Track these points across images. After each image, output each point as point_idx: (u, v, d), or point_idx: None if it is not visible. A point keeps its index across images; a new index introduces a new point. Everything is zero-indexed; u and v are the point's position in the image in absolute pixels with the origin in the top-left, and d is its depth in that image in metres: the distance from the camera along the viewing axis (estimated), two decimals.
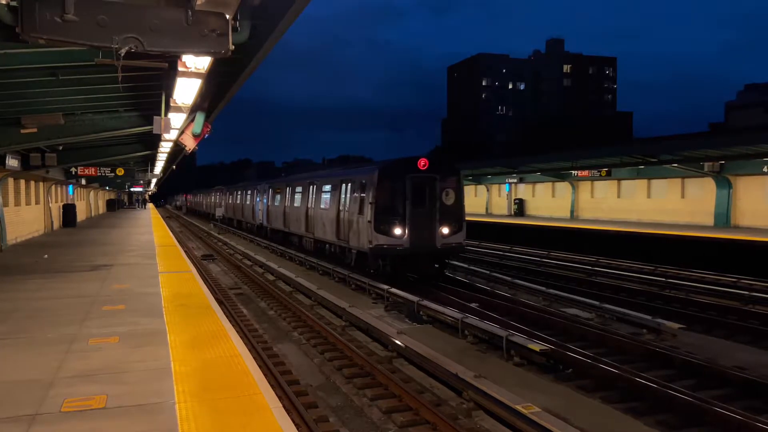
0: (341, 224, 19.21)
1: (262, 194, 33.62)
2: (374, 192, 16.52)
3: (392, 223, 16.45)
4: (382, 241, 16.37)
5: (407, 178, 16.61)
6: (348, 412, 8.36)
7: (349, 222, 18.22)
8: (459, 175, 17.54)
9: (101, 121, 15.58)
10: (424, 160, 16.88)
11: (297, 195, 25.75)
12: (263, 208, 33.33)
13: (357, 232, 17.50)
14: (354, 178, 18.42)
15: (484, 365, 9.72)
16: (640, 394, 8.43)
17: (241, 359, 6.92)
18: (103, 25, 4.42)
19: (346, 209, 18.71)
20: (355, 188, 18.09)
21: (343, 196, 19.19)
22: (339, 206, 19.40)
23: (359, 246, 17.47)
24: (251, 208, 37.94)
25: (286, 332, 13.20)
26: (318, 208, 22.05)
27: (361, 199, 17.26)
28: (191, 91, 9.90)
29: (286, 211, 27.77)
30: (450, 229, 16.91)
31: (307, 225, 23.71)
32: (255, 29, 7.07)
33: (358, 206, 17.57)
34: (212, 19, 4.68)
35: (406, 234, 16.45)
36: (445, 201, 16.94)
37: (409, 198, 16.52)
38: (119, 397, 5.63)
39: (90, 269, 14.86)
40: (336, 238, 19.71)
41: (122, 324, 8.68)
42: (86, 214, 44.47)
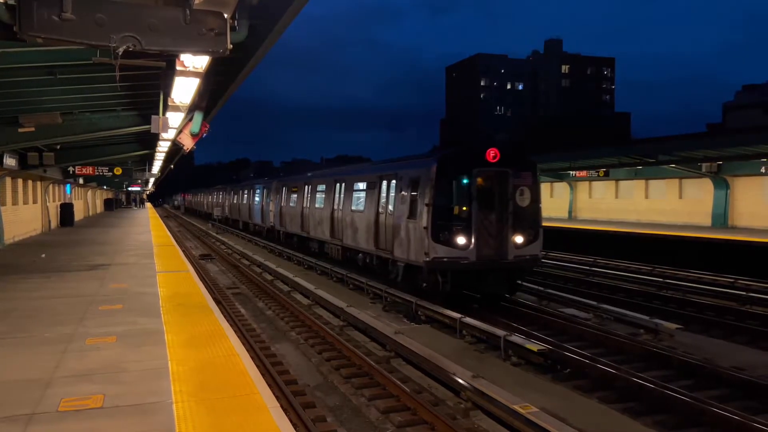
0: (381, 230, 16.01)
1: (274, 193, 30.39)
2: (432, 190, 13.30)
3: (454, 231, 13.21)
4: (441, 252, 13.08)
5: (474, 172, 13.37)
6: (346, 412, 8.36)
7: (394, 228, 14.98)
8: (535, 170, 14.39)
9: (99, 121, 15.57)
10: (494, 151, 13.54)
11: (319, 194, 22.42)
12: (275, 209, 30.10)
13: (406, 240, 14.24)
14: (401, 174, 15.13)
15: (482, 365, 9.72)
16: (638, 395, 8.44)
17: (238, 359, 6.91)
18: (101, 24, 4.42)
19: (390, 212, 15.49)
20: (402, 186, 14.76)
21: (383, 195, 16.08)
22: (378, 208, 16.27)
23: (408, 258, 14.17)
24: (260, 208, 34.55)
25: (284, 332, 13.20)
26: (348, 210, 18.86)
27: (413, 199, 14.05)
28: (189, 91, 9.89)
29: (304, 212, 24.35)
30: (525, 237, 13.66)
31: (333, 230, 20.44)
32: (253, 29, 7.07)
33: (407, 208, 14.31)
34: (210, 18, 4.68)
35: (471, 244, 13.15)
36: (519, 202, 13.77)
37: (475, 198, 13.29)
38: (116, 397, 5.62)
39: (88, 269, 14.84)
40: (373, 247, 16.50)
41: (120, 323, 8.67)
42: (84, 214, 44.40)
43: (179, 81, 8.99)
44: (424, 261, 13.33)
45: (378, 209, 16.33)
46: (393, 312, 14.28)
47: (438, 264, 13.21)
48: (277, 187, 29.84)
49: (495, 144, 14.06)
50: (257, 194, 35.69)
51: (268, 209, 31.92)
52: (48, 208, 30.28)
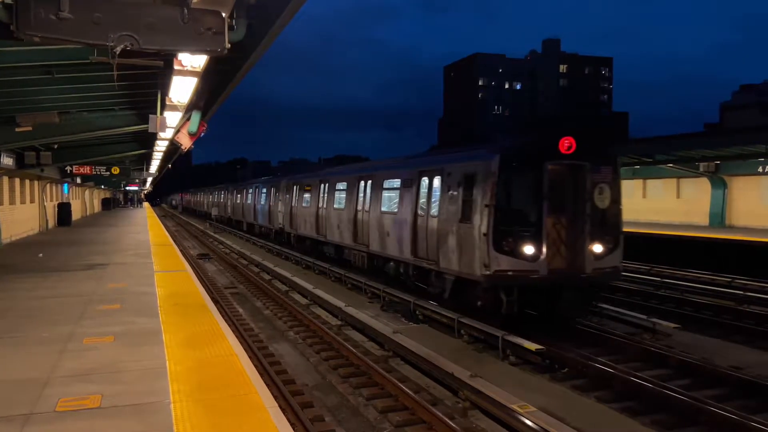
0: (421, 236, 13.57)
1: (283, 192, 27.83)
2: (493, 188, 11.03)
3: (521, 238, 10.97)
4: (505, 264, 10.83)
5: (544, 166, 11.10)
6: (344, 412, 8.35)
7: (440, 234, 12.56)
8: (616, 163, 12.02)
9: (96, 120, 15.54)
10: (569, 140, 11.29)
11: (339, 194, 19.98)
12: (284, 210, 27.47)
13: (456, 249, 11.94)
14: (448, 169, 12.72)
15: (480, 365, 9.73)
16: (636, 394, 8.44)
17: (236, 358, 6.90)
18: (98, 23, 4.41)
19: (433, 215, 13.06)
20: (450, 183, 12.41)
21: (423, 195, 13.77)
22: (416, 209, 13.91)
23: (460, 270, 11.85)
24: (267, 209, 31.67)
25: (282, 331, 13.19)
26: (376, 211, 16.46)
27: (466, 199, 11.77)
28: (187, 90, 9.87)
29: (320, 214, 21.77)
30: (604, 245, 11.41)
31: (357, 234, 18.00)
32: (251, 28, 7.06)
33: (458, 210, 11.97)
34: (208, 17, 4.67)
35: (542, 254, 10.91)
36: (597, 202, 11.54)
37: (546, 197, 11.05)
38: (114, 397, 5.61)
39: (85, 268, 14.81)
40: (410, 256, 14.12)
41: (117, 323, 8.65)
42: (81, 213, 44.32)
43: (177, 80, 8.97)
44: (482, 274, 10.99)
45: (416, 211, 13.91)
46: (391, 311, 14.28)
47: (501, 278, 10.91)
48: (287, 186, 27.30)
49: (569, 132, 11.54)
50: (263, 194, 33.03)
51: (277, 210, 29.36)
52: (45, 207, 30.22)
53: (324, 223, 21.39)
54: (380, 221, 16.19)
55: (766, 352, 10.84)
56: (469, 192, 11.73)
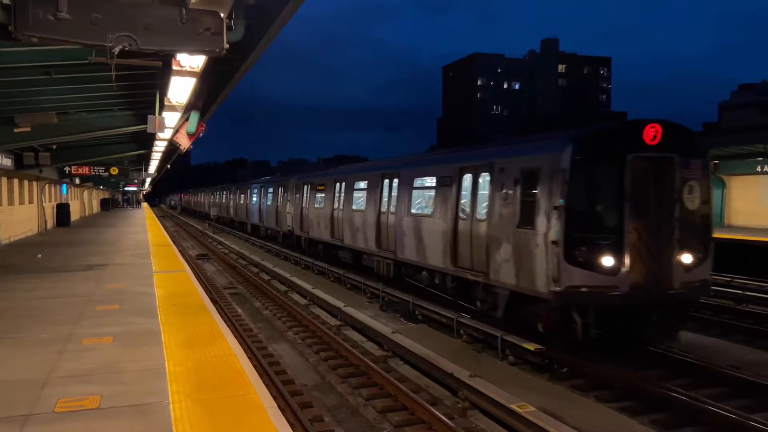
0: (463, 242, 11.89)
1: (292, 192, 26.10)
2: (565, 187, 9.28)
3: (598, 246, 9.21)
4: (578, 279, 9.14)
5: (627, 160, 9.36)
6: (343, 412, 8.35)
7: (490, 240, 10.87)
8: (706, 157, 10.32)
9: (95, 120, 15.54)
10: (656, 128, 9.57)
11: (359, 194, 18.23)
12: (294, 211, 25.63)
13: (512, 258, 10.27)
14: (501, 164, 10.94)
15: (480, 365, 9.73)
16: (635, 393, 8.44)
17: (235, 359, 6.89)
18: (96, 24, 4.40)
19: (480, 218, 11.37)
20: (504, 181, 10.67)
21: (466, 194, 12.13)
22: (457, 212, 12.24)
23: (518, 284, 10.17)
24: (274, 210, 29.87)
25: (281, 332, 13.19)
26: (405, 213, 14.73)
27: (526, 199, 10.02)
28: (186, 90, 9.88)
29: (336, 216, 19.97)
30: (694, 255, 9.72)
31: (380, 239, 16.31)
32: (250, 28, 7.06)
33: (515, 212, 10.26)
34: (207, 17, 4.67)
35: (623, 266, 9.20)
36: (686, 203, 9.82)
37: (628, 198, 9.32)
38: (113, 398, 5.60)
39: (84, 269, 14.80)
40: (450, 265, 12.37)
41: (116, 324, 8.64)
42: (80, 214, 44.29)
43: (175, 81, 8.98)
44: (551, 291, 9.27)
45: (456, 214, 12.20)
46: (390, 311, 14.29)
47: (573, 296, 9.18)
48: (297, 186, 25.45)
49: (655, 119, 9.75)
50: (270, 194, 31.07)
51: (285, 211, 27.42)
52: (44, 208, 30.20)
53: (340, 226, 19.56)
54: (410, 225, 14.37)
55: (765, 351, 10.85)
56: (530, 191, 10.02)
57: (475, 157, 12.35)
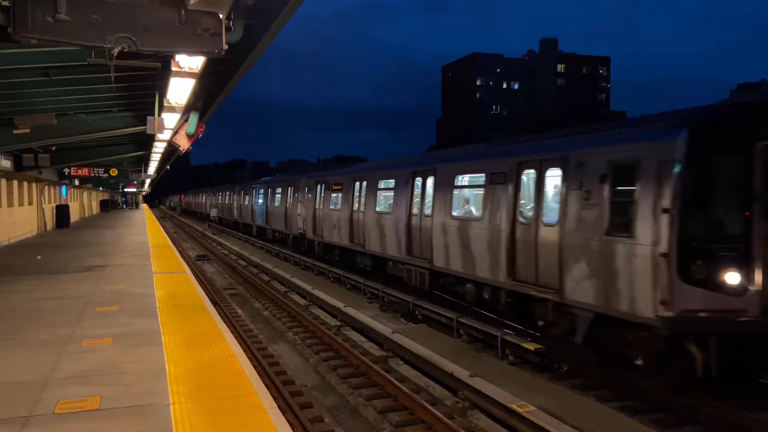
0: (526, 252, 10.03)
1: (304, 192, 24.14)
2: (677, 184, 7.57)
3: (720, 260, 7.53)
4: (696, 301, 7.44)
5: (756, 150, 7.60)
6: (343, 412, 8.36)
7: (568, 250, 8.97)
8: None
9: (94, 122, 15.55)
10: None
11: (384, 193, 16.45)
12: (306, 213, 23.62)
13: (600, 274, 8.36)
14: (581, 156, 9.06)
15: (480, 364, 9.73)
16: (635, 393, 8.44)
17: (235, 359, 6.90)
18: (95, 25, 4.41)
19: (550, 222, 9.50)
20: (585, 177, 8.79)
21: (527, 193, 10.45)
22: (514, 215, 10.40)
23: (607, 306, 8.30)
24: (282, 212, 27.81)
25: (281, 332, 13.19)
26: (443, 215, 12.83)
27: (619, 201, 8.30)
28: (185, 91, 9.89)
29: (355, 218, 18.09)
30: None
31: (412, 244, 14.31)
32: (249, 29, 7.07)
33: (602, 217, 8.42)
34: (205, 18, 4.67)
35: (753, 283, 7.43)
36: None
37: (759, 197, 7.56)
38: (113, 399, 5.60)
39: (84, 270, 14.80)
40: (506, 278, 10.50)
41: (116, 325, 8.65)
42: (80, 215, 44.28)
43: (175, 82, 8.99)
44: (659, 316, 7.51)
45: (515, 216, 10.35)
46: (390, 311, 14.29)
47: (690, 322, 7.49)
48: (309, 185, 23.47)
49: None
50: (278, 194, 29.00)
51: (295, 212, 25.38)
52: (44, 209, 30.19)
53: (361, 229, 17.52)
54: (452, 230, 12.47)
55: None
56: (624, 190, 8.24)
57: (539, 150, 10.37)
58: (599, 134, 9.49)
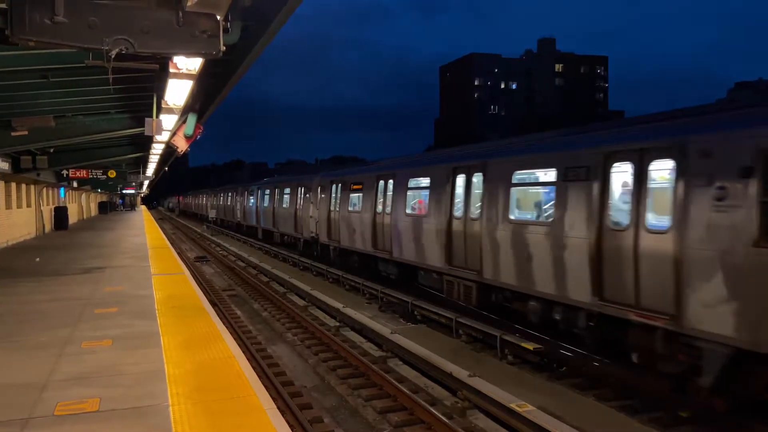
0: (619, 265, 8.09)
1: (316, 193, 21.89)
2: None
3: None
4: None
5: None
6: (343, 413, 8.37)
7: (690, 264, 7.10)
8: None
9: (92, 123, 15.53)
10: None
11: (415, 193, 14.45)
12: (319, 216, 21.12)
13: (749, 298, 6.51)
14: (707, 143, 7.19)
15: (479, 364, 9.74)
16: (635, 392, 8.45)
17: (234, 361, 6.90)
18: (93, 27, 4.41)
19: (657, 227, 7.69)
20: (714, 171, 6.99)
21: (621, 193, 8.58)
22: (601, 219, 8.49)
23: (757, 340, 6.45)
24: (291, 214, 25.44)
25: (280, 333, 13.20)
26: (498, 220, 10.79)
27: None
28: (183, 93, 9.88)
29: (378, 221, 15.90)
30: None
31: (452, 252, 12.23)
32: (246, 30, 7.08)
33: (749, 223, 6.53)
34: (203, 20, 4.68)
35: None
36: None
37: None
38: (112, 400, 5.60)
39: (82, 272, 14.79)
40: (593, 297, 8.49)
41: (115, 327, 8.65)
42: (78, 217, 44.25)
43: (172, 83, 8.98)
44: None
45: (602, 221, 8.41)
46: (389, 312, 14.30)
47: None
48: (322, 185, 21.32)
49: None
50: (286, 195, 26.86)
51: (306, 215, 23.23)
52: (42, 211, 30.17)
53: (387, 234, 15.44)
54: (509, 237, 10.44)
55: None
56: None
57: (636, 137, 8.38)
58: (731, 114, 7.70)
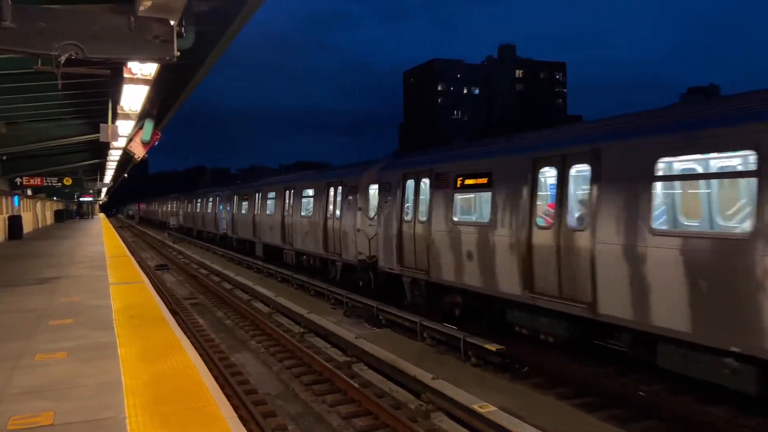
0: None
1: (365, 195, 15.78)
2: None
3: None
4: None
5: None
6: (307, 420, 8.31)
7: None
8: None
9: (46, 130, 15.15)
10: None
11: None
12: (379, 230, 14.40)
13: None
14: None
15: (443, 367, 9.81)
16: (593, 390, 8.63)
17: (195, 370, 6.79)
18: (41, 32, 4.31)
19: None
20: None
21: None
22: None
23: None
24: (317, 226, 18.36)
25: (243, 341, 13.04)
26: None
27: None
28: (139, 98, 9.72)
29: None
30: None
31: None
32: (202, 35, 7.00)
33: None
34: (156, 25, 4.61)
35: None
36: None
37: None
38: (67, 413, 5.45)
39: (37, 282, 14.35)
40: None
41: (71, 338, 8.42)
42: (33, 226, 42.91)
43: (128, 88, 8.82)
44: None
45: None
46: (354, 317, 14.28)
47: None
48: (385, 181, 14.33)
49: None
50: (307, 198, 19.86)
51: (348, 227, 16.20)
52: None
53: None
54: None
55: None
56: None
57: None
58: None
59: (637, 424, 7.62)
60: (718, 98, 8.34)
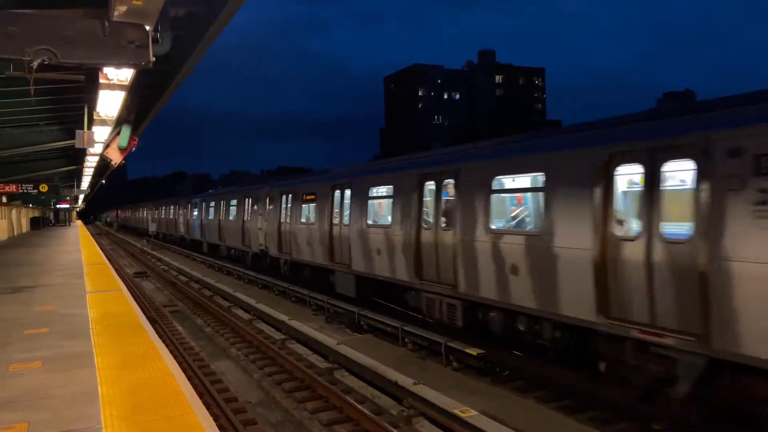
0: None
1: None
2: None
3: None
4: None
5: None
6: (288, 427, 8.26)
7: None
8: None
9: (21, 136, 14.89)
10: None
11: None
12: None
13: None
14: None
15: (424, 372, 9.81)
16: (572, 392, 8.69)
17: (173, 379, 6.71)
18: (12, 37, 4.23)
19: None
20: None
21: None
22: None
23: None
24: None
25: (223, 348, 12.91)
26: None
27: None
28: (115, 104, 9.59)
29: None
30: None
31: None
32: (179, 40, 6.94)
33: None
34: (130, 30, 4.56)
35: None
36: None
37: None
38: (42, 424, 5.35)
39: (11, 291, 14.07)
40: None
41: (46, 348, 8.26)
42: (8, 234, 42.13)
43: (104, 94, 8.70)
44: None
45: None
46: (336, 323, 14.22)
47: None
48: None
49: None
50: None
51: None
52: None
53: None
54: None
55: None
56: None
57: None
58: None
59: (613, 427, 7.69)
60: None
